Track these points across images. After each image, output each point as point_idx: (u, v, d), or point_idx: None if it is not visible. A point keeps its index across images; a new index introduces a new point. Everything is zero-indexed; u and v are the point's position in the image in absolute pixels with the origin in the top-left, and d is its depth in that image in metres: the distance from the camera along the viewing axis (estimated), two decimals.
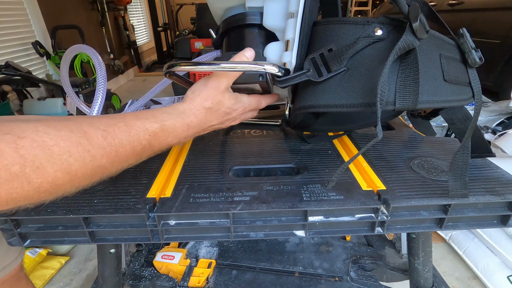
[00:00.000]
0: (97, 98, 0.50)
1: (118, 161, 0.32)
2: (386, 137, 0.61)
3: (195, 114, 0.41)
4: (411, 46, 0.35)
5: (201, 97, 0.41)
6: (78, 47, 0.58)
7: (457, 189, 0.40)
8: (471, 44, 0.40)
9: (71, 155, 0.27)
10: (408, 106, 0.38)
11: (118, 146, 0.31)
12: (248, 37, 0.49)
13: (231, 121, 0.47)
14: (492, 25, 2.45)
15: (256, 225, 0.42)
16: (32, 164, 0.24)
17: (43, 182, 0.26)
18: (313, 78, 0.41)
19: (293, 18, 0.43)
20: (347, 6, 6.09)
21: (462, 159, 0.39)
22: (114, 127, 0.31)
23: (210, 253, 0.84)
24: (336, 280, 0.75)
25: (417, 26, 0.34)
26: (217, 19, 0.58)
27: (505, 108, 1.81)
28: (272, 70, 0.41)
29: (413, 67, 0.37)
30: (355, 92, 0.39)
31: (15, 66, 1.96)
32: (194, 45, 3.20)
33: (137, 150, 0.34)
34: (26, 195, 0.25)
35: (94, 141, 0.29)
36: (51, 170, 0.26)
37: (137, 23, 4.89)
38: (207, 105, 0.41)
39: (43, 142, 0.25)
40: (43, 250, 1.26)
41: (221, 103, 0.42)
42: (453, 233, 1.27)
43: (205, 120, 0.42)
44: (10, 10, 2.35)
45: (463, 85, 0.41)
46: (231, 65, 0.40)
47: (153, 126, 0.35)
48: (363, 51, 0.39)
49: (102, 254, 0.62)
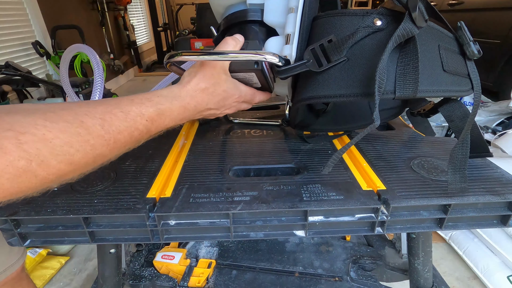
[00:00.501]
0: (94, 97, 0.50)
1: (117, 147, 0.32)
2: (386, 137, 0.61)
3: (191, 96, 0.40)
4: (410, 34, 0.35)
5: (197, 78, 0.41)
6: (77, 47, 0.58)
7: (456, 183, 0.40)
8: (469, 36, 0.41)
9: (71, 146, 0.27)
10: (408, 94, 0.38)
11: (116, 133, 0.31)
12: (249, 33, 0.50)
13: (227, 108, 0.47)
14: (492, 25, 2.45)
15: (256, 225, 0.42)
16: (37, 158, 0.25)
17: (49, 174, 0.26)
18: (313, 68, 0.41)
19: (293, 13, 0.43)
20: (347, 6, 6.09)
21: (461, 152, 0.39)
22: (110, 114, 0.32)
23: (210, 253, 0.84)
24: (336, 280, 0.75)
25: (416, 14, 0.34)
26: (218, 17, 0.58)
27: (505, 108, 1.81)
28: (273, 60, 0.41)
29: (412, 55, 0.37)
30: (355, 82, 0.39)
31: (15, 66, 1.96)
32: (194, 45, 3.20)
33: (134, 135, 0.34)
34: (33, 188, 0.26)
35: (92, 130, 0.29)
36: (55, 162, 0.26)
37: (137, 23, 4.89)
38: (203, 86, 0.41)
39: (44, 136, 0.26)
40: (43, 250, 1.26)
41: (217, 84, 0.42)
42: (453, 233, 1.27)
43: (202, 101, 0.42)
44: (10, 10, 2.35)
45: (462, 77, 0.41)
46: (233, 54, 0.41)
47: (149, 110, 0.35)
48: (363, 41, 0.39)
49: (102, 254, 0.62)
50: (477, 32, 2.57)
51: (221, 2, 0.54)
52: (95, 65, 0.52)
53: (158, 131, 0.38)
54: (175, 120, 0.39)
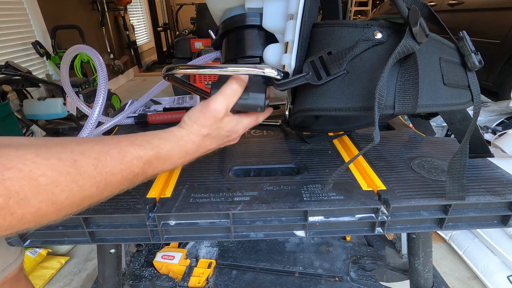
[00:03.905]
0: (98, 99, 0.50)
1: (108, 189, 0.31)
2: (386, 137, 0.61)
3: (192, 141, 0.39)
4: (410, 50, 0.35)
5: (198, 124, 0.39)
6: (79, 47, 0.58)
7: (455, 192, 0.40)
8: (471, 47, 0.40)
9: (57, 185, 0.26)
10: (408, 110, 0.38)
11: (109, 175, 0.30)
12: (247, 38, 0.49)
13: (230, 142, 0.46)
14: (492, 25, 2.45)
15: (256, 225, 0.42)
16: (17, 196, 0.24)
17: (26, 213, 0.25)
18: (312, 81, 0.41)
19: (292, 20, 0.42)
20: (347, 6, 6.09)
21: (460, 162, 0.39)
22: (106, 155, 0.30)
23: (210, 253, 0.84)
24: (336, 280, 0.75)
25: (417, 30, 0.34)
26: (217, 19, 0.57)
27: (505, 108, 1.81)
28: (271, 74, 0.40)
29: (412, 71, 0.37)
30: (355, 96, 0.39)
31: (15, 66, 1.96)
32: (194, 45, 3.20)
33: (129, 178, 0.33)
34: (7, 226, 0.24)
35: (83, 170, 0.28)
36: (35, 201, 0.25)
37: (137, 23, 4.89)
38: (205, 132, 0.39)
39: (30, 173, 0.24)
40: (43, 250, 1.26)
41: (220, 129, 0.41)
42: (453, 233, 1.27)
43: (204, 145, 0.40)
44: (10, 10, 2.35)
45: (462, 89, 0.41)
46: (231, 68, 0.40)
47: (148, 154, 0.34)
48: (363, 54, 0.39)
49: (102, 254, 0.62)
50: (477, 32, 2.57)
51: (219, 6, 0.53)
52: (98, 66, 0.52)
53: (154, 175, 0.36)
54: (174, 164, 0.38)
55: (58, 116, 2.14)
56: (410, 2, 0.38)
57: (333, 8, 0.58)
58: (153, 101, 0.92)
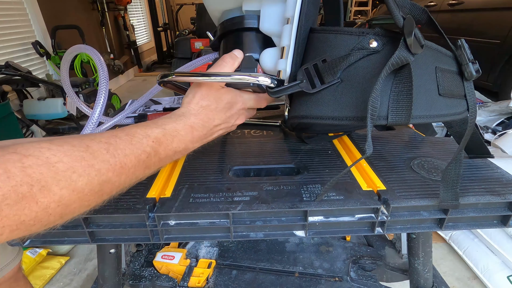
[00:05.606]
0: (99, 98, 0.50)
1: (125, 173, 0.31)
2: (386, 137, 0.61)
3: (194, 114, 0.40)
4: (404, 61, 0.35)
5: (197, 98, 0.41)
6: (80, 47, 0.58)
7: (448, 200, 0.40)
8: (469, 56, 0.39)
9: (75, 171, 0.26)
10: (401, 121, 0.37)
11: (122, 157, 0.30)
12: (245, 40, 0.49)
13: (235, 118, 0.46)
14: (492, 25, 2.45)
15: (256, 225, 0.42)
16: (38, 183, 0.24)
17: (50, 202, 0.25)
18: (306, 90, 0.40)
19: (289, 24, 0.42)
20: (347, 6, 6.09)
21: (454, 171, 0.39)
22: (115, 138, 0.31)
23: (210, 253, 0.84)
24: (336, 280, 0.75)
25: (411, 41, 0.33)
26: (215, 20, 0.57)
27: (505, 108, 1.81)
28: (265, 82, 0.41)
29: (406, 82, 0.36)
30: (348, 105, 0.39)
31: (15, 66, 1.96)
32: (194, 45, 3.20)
33: (142, 159, 0.33)
34: (34, 217, 0.24)
35: (97, 154, 0.28)
36: (57, 188, 0.25)
37: (137, 23, 4.89)
38: (204, 104, 0.41)
39: (47, 159, 0.25)
40: (43, 250, 1.26)
41: (219, 99, 0.42)
42: (453, 233, 1.27)
43: (207, 118, 0.41)
44: (10, 10, 2.35)
45: (458, 98, 0.41)
46: (225, 76, 0.41)
47: (155, 131, 0.35)
48: (358, 63, 0.38)
49: (102, 254, 0.62)
50: (477, 32, 2.57)
51: (216, 7, 0.53)
52: (99, 66, 0.52)
53: (167, 155, 0.37)
54: (183, 141, 0.38)
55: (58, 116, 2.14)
56: (408, 7, 0.37)
57: (334, 7, 0.58)
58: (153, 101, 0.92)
